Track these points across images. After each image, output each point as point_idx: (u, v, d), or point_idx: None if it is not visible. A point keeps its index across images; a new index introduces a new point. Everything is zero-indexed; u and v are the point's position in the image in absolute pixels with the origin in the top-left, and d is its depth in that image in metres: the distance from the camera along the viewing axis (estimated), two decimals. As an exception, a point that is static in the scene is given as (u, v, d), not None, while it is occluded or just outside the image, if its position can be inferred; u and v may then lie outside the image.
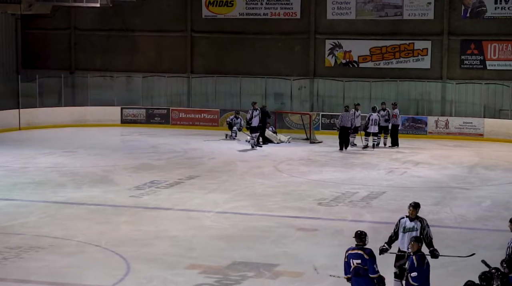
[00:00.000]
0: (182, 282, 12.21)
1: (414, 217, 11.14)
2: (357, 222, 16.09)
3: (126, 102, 34.16)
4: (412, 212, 11.18)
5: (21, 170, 22.39)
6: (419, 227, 11.02)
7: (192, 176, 21.42)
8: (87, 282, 12.19)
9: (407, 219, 11.16)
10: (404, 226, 11.10)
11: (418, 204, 11.34)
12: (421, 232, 10.97)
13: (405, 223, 11.12)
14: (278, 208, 17.61)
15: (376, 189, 19.91)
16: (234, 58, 33.95)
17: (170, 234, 15.13)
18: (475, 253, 11.24)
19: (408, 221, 11.14)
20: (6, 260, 13.20)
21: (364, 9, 32.22)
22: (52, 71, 34.53)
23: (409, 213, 11.19)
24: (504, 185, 21.01)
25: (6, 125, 30.94)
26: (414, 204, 11.29)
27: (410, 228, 11.03)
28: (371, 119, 26.88)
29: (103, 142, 28.63)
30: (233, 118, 29.78)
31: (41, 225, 15.77)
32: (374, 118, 26.86)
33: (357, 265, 10.10)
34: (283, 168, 23.15)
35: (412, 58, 31.87)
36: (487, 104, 30.88)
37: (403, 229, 11.08)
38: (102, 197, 18.66)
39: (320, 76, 32.98)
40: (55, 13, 34.78)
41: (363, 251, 10.09)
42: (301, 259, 13.43)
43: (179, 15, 34.52)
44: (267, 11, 33.29)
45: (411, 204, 11.30)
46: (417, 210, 11.21)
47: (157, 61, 34.90)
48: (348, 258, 10.26)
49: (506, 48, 30.80)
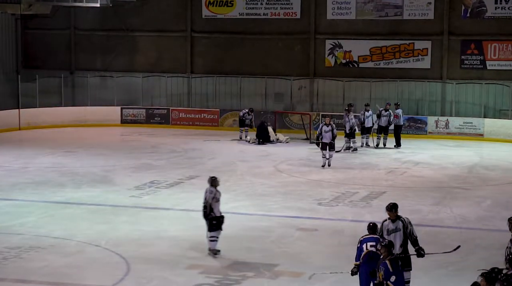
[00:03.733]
0: (182, 282, 12.21)
1: (394, 218, 11.05)
2: (357, 222, 16.08)
3: (126, 102, 34.16)
4: (389, 214, 11.09)
5: (21, 170, 22.39)
6: (401, 227, 10.95)
7: (192, 176, 21.42)
8: (87, 282, 12.19)
9: (389, 221, 11.07)
10: (388, 228, 11.04)
11: (394, 204, 11.19)
12: (405, 232, 10.92)
13: (388, 226, 11.06)
14: (278, 208, 17.61)
15: (376, 189, 19.91)
16: (234, 58, 33.94)
17: (170, 234, 15.14)
18: (460, 245, 11.17)
19: (390, 223, 11.06)
20: (6, 260, 13.20)
21: (364, 9, 32.22)
22: (52, 71, 34.52)
23: (388, 215, 11.13)
24: (504, 185, 21.01)
25: (6, 125, 30.95)
26: (389, 206, 11.17)
27: (393, 230, 10.97)
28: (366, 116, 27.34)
29: (103, 142, 28.64)
30: (245, 113, 29.60)
31: (41, 225, 15.77)
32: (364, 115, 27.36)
33: (370, 249, 10.21)
34: (283, 168, 23.15)
35: (412, 58, 31.87)
36: (487, 104, 30.88)
37: (387, 231, 11.00)
38: (102, 197, 18.66)
39: (320, 76, 32.98)
40: (55, 13, 34.76)
41: (379, 236, 10.49)
42: (301, 259, 13.43)
43: (179, 15, 34.52)
44: (267, 11, 33.29)
45: (387, 206, 11.19)
46: (394, 211, 11.07)
47: (157, 61, 34.91)
48: (362, 243, 10.44)
49: (506, 48, 30.80)
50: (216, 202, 13.57)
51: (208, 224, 13.59)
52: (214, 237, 13.55)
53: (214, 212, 13.56)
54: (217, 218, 13.57)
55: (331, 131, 22.98)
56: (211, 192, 13.62)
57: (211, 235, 13.55)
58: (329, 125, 23.09)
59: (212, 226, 13.52)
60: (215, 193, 13.61)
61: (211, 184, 13.73)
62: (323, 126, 23.24)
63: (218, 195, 13.64)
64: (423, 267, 12.13)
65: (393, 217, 11.07)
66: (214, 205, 13.54)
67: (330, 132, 22.98)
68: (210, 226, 13.55)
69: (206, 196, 13.67)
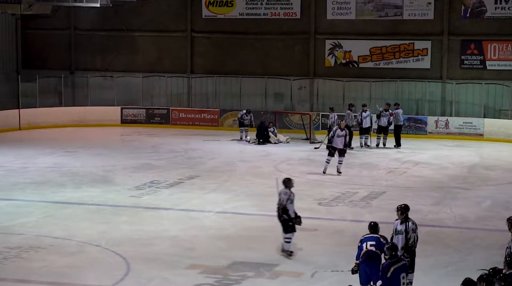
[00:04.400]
0: (182, 282, 12.21)
1: (402, 220, 11.09)
2: (357, 222, 16.09)
3: (126, 102, 34.15)
4: (398, 215, 11.16)
5: (21, 170, 22.39)
6: (403, 230, 10.99)
7: (192, 176, 21.43)
8: (87, 282, 12.20)
9: (399, 222, 11.15)
10: (396, 228, 11.12)
11: (401, 206, 11.20)
12: (406, 236, 10.97)
13: (396, 225, 11.15)
14: (278, 208, 17.59)
15: (376, 189, 19.91)
16: (234, 58, 33.94)
17: (170, 234, 15.14)
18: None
19: (398, 223, 11.14)
20: (6, 260, 13.21)
21: (364, 9, 32.22)
22: (52, 71, 34.52)
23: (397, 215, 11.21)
24: (504, 185, 21.02)
25: (6, 125, 30.94)
26: (398, 207, 11.24)
27: (399, 231, 11.04)
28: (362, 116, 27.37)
29: (103, 142, 28.63)
30: (243, 115, 29.58)
31: (41, 225, 15.77)
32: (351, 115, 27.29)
33: (370, 248, 10.24)
34: (283, 168, 23.14)
35: (412, 58, 31.86)
36: (487, 104, 30.88)
37: (395, 231, 11.08)
38: (102, 197, 18.66)
39: (320, 76, 32.98)
40: (55, 13, 34.77)
41: (379, 235, 10.54)
42: (301, 259, 13.44)
43: (179, 15, 34.52)
44: (267, 11, 33.29)
45: (397, 207, 11.27)
46: (402, 213, 11.09)
47: (157, 61, 34.91)
48: (362, 242, 10.50)
49: (506, 48, 30.80)
50: (290, 203, 13.50)
51: (282, 226, 13.54)
52: (289, 238, 13.50)
53: (289, 214, 13.49)
54: (293, 220, 13.50)
55: (345, 137, 21.63)
56: (286, 194, 13.56)
57: (286, 236, 13.49)
58: (343, 130, 21.64)
59: (288, 227, 13.47)
60: (289, 194, 13.54)
61: (285, 185, 13.66)
62: (337, 130, 21.67)
63: (292, 196, 13.56)
64: (423, 268, 12.12)
65: (400, 219, 11.08)
66: (288, 207, 13.49)
67: (343, 137, 21.59)
68: (285, 228, 13.50)
69: (281, 198, 13.60)
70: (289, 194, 13.59)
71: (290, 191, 13.63)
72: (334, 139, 21.67)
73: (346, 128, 21.96)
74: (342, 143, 21.66)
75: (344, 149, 21.89)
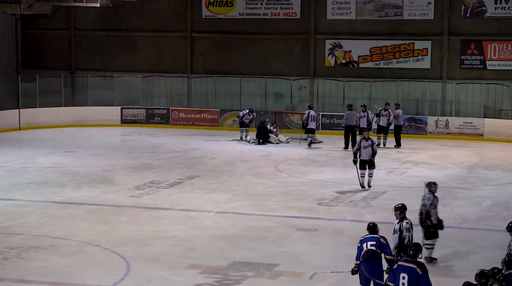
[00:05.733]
0: (182, 282, 12.21)
1: (399, 220, 11.23)
2: (357, 222, 16.09)
3: (126, 102, 34.15)
4: (396, 215, 11.31)
5: (21, 170, 22.39)
6: (398, 230, 11.13)
7: (192, 176, 21.42)
8: (87, 282, 12.19)
9: (397, 221, 11.31)
10: (394, 227, 11.25)
11: (400, 206, 11.34)
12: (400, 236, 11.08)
13: (395, 225, 11.27)
14: (278, 208, 17.60)
15: (376, 189, 19.90)
16: (234, 58, 33.95)
17: (170, 234, 15.13)
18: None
19: (396, 223, 11.29)
20: (6, 260, 13.20)
21: (364, 9, 32.22)
22: (52, 71, 34.51)
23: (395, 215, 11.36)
24: (504, 185, 21.01)
25: (6, 125, 30.93)
26: (396, 207, 11.38)
27: (395, 230, 11.20)
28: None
29: (103, 142, 28.64)
30: (246, 114, 29.42)
31: (41, 225, 15.77)
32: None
33: (370, 247, 10.28)
34: (283, 168, 23.15)
35: (412, 58, 31.87)
36: (487, 104, 30.87)
37: (393, 230, 11.24)
38: (102, 197, 18.66)
39: (320, 76, 32.98)
40: (55, 13, 34.78)
41: (379, 235, 10.53)
42: (301, 259, 13.44)
43: (179, 15, 34.53)
44: (267, 11, 33.30)
45: (394, 206, 11.44)
46: (400, 213, 11.23)
47: (157, 61, 34.91)
48: (362, 242, 10.55)
49: (506, 48, 30.80)
50: (433, 208, 13.21)
51: (424, 231, 13.22)
52: (430, 244, 13.13)
53: (432, 219, 13.20)
54: (435, 226, 13.22)
55: (371, 147, 19.72)
56: (429, 199, 13.25)
57: (426, 243, 13.06)
58: (368, 140, 19.78)
59: (430, 234, 13.16)
60: (432, 200, 13.25)
61: (429, 190, 13.34)
62: (361, 141, 19.84)
63: (436, 202, 13.25)
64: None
65: (397, 218, 11.19)
66: (432, 212, 13.18)
67: (370, 147, 19.71)
68: (426, 234, 13.18)
69: (425, 202, 13.29)
70: (432, 199, 13.23)
71: (434, 195, 13.26)
72: (361, 152, 19.78)
73: (370, 138, 20.04)
74: (369, 154, 19.71)
75: (372, 160, 19.85)
